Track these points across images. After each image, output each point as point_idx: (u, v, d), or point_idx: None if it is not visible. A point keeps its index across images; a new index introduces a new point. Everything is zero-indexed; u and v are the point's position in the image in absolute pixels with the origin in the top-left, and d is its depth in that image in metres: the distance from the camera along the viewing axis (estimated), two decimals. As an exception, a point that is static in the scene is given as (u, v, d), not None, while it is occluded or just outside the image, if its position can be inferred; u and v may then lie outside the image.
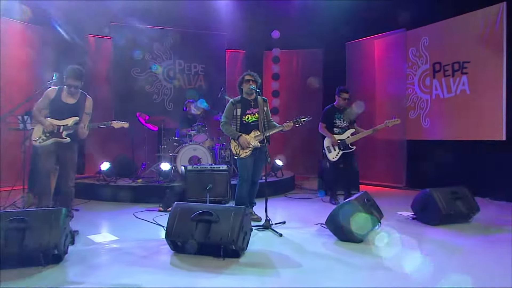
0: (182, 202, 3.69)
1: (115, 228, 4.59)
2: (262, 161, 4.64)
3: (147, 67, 8.44)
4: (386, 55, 8.05)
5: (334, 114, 5.86)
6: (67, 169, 4.27)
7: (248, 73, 4.70)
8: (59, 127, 4.23)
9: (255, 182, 4.82)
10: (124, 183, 6.29)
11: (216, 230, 3.42)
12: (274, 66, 9.26)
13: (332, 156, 5.77)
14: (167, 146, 6.96)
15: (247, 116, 4.64)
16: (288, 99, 9.35)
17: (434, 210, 4.50)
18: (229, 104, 4.71)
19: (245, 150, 4.59)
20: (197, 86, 8.86)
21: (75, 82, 4.23)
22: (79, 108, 4.33)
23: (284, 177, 7.37)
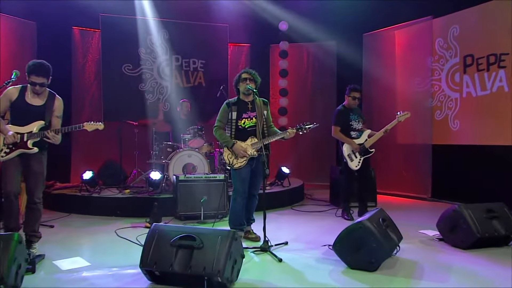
0: (160, 224, 3.34)
1: (90, 250, 4.28)
2: (261, 172, 4.30)
3: (140, 63, 8.19)
4: (408, 48, 7.64)
5: (349, 115, 5.56)
6: (33, 183, 3.93)
7: (246, 70, 4.41)
8: (22, 136, 3.88)
9: (253, 195, 4.52)
10: (109, 194, 6.03)
11: (199, 258, 3.07)
12: (281, 62, 8.93)
13: (355, 164, 5.46)
14: (159, 151, 6.69)
15: (243, 121, 4.35)
16: (298, 99, 9.04)
17: (465, 231, 4.07)
18: (224, 106, 4.43)
19: (239, 160, 4.30)
20: (196, 84, 8.58)
21: (40, 79, 3.85)
22: (47, 110, 3.98)
23: (291, 186, 7.06)
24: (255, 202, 4.59)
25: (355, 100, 5.54)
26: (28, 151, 3.86)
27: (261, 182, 4.39)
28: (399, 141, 7.62)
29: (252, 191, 4.49)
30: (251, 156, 4.32)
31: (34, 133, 3.87)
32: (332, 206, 6.45)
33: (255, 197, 4.55)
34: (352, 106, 5.58)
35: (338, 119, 5.58)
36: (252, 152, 4.32)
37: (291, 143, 8.26)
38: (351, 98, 5.54)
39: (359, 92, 5.55)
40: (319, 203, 6.90)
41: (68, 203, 5.96)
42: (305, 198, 7.37)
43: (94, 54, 8.00)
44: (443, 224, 4.37)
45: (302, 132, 4.27)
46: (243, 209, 4.42)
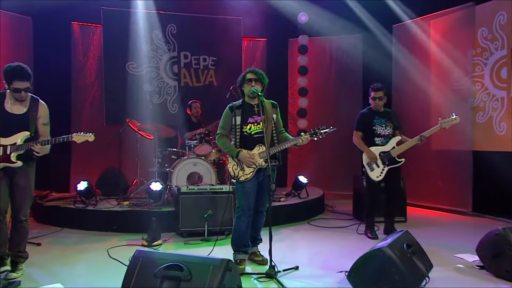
0: (145, 250, 3.08)
1: (75, 273, 4.08)
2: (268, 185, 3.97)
3: (145, 61, 8.05)
4: (446, 40, 7.19)
5: (373, 118, 5.29)
6: (19, 199, 3.77)
7: (251, 70, 4.18)
8: (5, 148, 3.71)
9: (260, 212, 4.26)
10: (106, 207, 5.87)
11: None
12: (300, 58, 8.64)
13: (376, 174, 5.18)
14: (163, 159, 6.55)
15: (248, 126, 4.10)
16: (319, 99, 8.77)
17: (510, 259, 3.65)
18: (226, 110, 4.20)
19: (246, 171, 4.05)
20: (207, 83, 8.41)
21: (24, 84, 3.70)
22: (31, 118, 3.81)
23: (309, 198, 6.78)
24: (262, 220, 4.32)
25: (377, 100, 5.26)
26: (11, 165, 3.70)
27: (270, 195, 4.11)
28: (434, 147, 7.23)
29: (259, 207, 4.23)
30: (259, 167, 4.05)
31: (19, 145, 3.71)
32: (355, 221, 6.15)
33: (262, 214, 4.29)
34: (378, 108, 5.30)
35: (359, 123, 5.36)
36: (261, 162, 4.03)
37: (311, 148, 8.16)
38: (372, 99, 5.31)
39: (380, 92, 5.27)
40: (341, 216, 6.61)
41: (61, 216, 5.84)
42: (326, 211, 7.11)
43: (95, 52, 7.92)
44: (484, 249, 3.97)
45: (317, 138, 4.01)
46: (248, 228, 4.17)
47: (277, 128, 4.19)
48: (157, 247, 4.84)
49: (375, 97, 5.26)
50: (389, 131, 5.25)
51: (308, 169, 8.26)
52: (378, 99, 5.25)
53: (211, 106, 7.58)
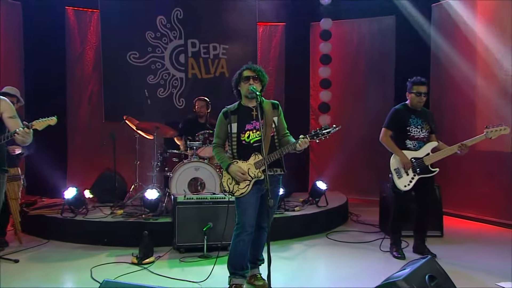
0: (111, 281, 2.85)
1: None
2: (273, 196, 3.78)
3: (149, 50, 7.89)
4: (496, 21, 6.68)
5: (408, 117, 4.95)
6: None
7: (248, 66, 3.94)
8: None
9: (262, 228, 4.02)
10: (97, 217, 5.72)
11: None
12: (323, 45, 8.25)
13: (403, 183, 4.88)
14: (163, 162, 6.38)
15: (247, 134, 3.89)
16: (344, 92, 8.43)
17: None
18: (220, 116, 4.00)
19: (241, 186, 3.85)
20: (217, 75, 8.21)
21: None
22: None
23: (328, 206, 6.48)
24: (264, 237, 4.06)
25: (422, 96, 4.90)
26: None
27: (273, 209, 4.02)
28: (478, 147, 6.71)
29: (261, 223, 3.99)
30: (257, 179, 3.81)
31: None
32: (382, 234, 5.81)
33: (264, 230, 4.03)
34: (417, 106, 4.97)
35: (392, 120, 5.03)
36: (257, 174, 3.81)
37: (336, 148, 8.04)
38: (415, 94, 4.91)
39: (424, 86, 4.92)
40: (365, 228, 6.33)
41: (47, 227, 5.72)
42: (349, 220, 6.85)
43: (93, 40, 7.78)
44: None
45: (318, 140, 3.73)
46: (248, 249, 3.94)
47: (279, 131, 3.97)
48: (148, 265, 4.66)
49: (419, 92, 4.88)
50: (424, 134, 4.93)
51: (332, 170, 8.08)
52: (423, 94, 4.88)
53: (223, 101, 7.23)
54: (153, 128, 6.20)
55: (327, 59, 8.28)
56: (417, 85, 4.90)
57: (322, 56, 8.30)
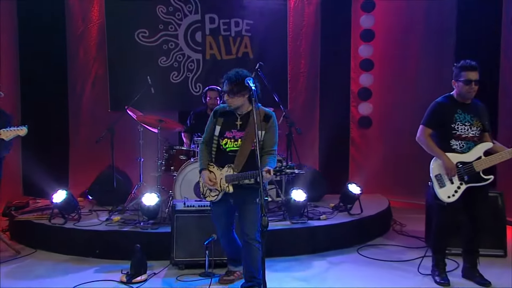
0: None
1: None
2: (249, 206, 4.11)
3: (160, 27, 7.84)
4: None
5: (454, 112, 4.61)
6: None
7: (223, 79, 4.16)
8: None
9: (246, 242, 4.15)
10: (90, 224, 5.72)
11: None
12: (364, 18, 8.00)
13: (447, 193, 4.56)
14: (168, 161, 6.37)
15: (224, 141, 4.19)
16: (388, 75, 8.13)
17: None
18: (212, 113, 4.38)
19: (212, 193, 4.26)
20: (240, 56, 8.08)
21: None
22: None
23: (363, 214, 6.22)
24: (254, 253, 4.09)
25: (470, 85, 4.51)
26: None
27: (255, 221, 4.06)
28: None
29: (244, 237, 4.16)
30: (225, 192, 4.14)
31: None
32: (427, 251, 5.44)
33: (252, 246, 4.09)
34: (465, 97, 4.60)
35: (432, 116, 4.69)
36: (226, 187, 4.11)
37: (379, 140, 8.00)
38: (463, 82, 4.53)
39: (476, 72, 4.53)
40: (408, 241, 6.07)
41: (35, 234, 5.76)
42: (391, 230, 6.60)
43: (97, 17, 7.78)
44: None
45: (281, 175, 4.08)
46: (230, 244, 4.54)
47: (264, 147, 4.11)
48: (139, 284, 4.60)
49: (468, 79, 4.49)
50: (474, 133, 4.57)
51: (375, 168, 7.84)
52: (474, 82, 4.50)
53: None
54: (156, 122, 6.09)
55: (369, 35, 8.02)
56: (466, 71, 4.50)
57: (363, 31, 8.03)
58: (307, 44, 8.08)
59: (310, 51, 8.08)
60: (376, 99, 8.01)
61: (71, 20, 7.67)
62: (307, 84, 8.11)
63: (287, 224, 5.62)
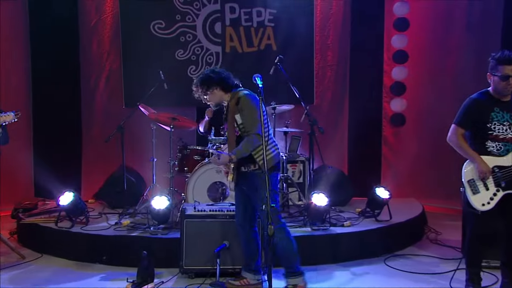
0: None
1: None
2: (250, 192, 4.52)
3: (177, 18, 7.89)
4: None
5: (491, 110, 4.48)
6: None
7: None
8: None
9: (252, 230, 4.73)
10: (97, 228, 5.80)
11: None
12: (398, 5, 7.86)
13: (481, 200, 4.43)
14: (181, 161, 6.45)
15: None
16: (425, 68, 7.99)
17: None
18: None
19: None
20: (262, 48, 8.05)
21: None
22: None
23: (392, 221, 6.12)
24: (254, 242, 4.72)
25: (508, 81, 4.38)
26: None
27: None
28: None
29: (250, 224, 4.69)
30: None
31: None
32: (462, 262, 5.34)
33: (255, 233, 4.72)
34: (503, 94, 4.46)
35: (466, 114, 4.54)
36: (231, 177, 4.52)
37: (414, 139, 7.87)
38: (499, 78, 4.39)
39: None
40: (442, 251, 5.93)
41: (41, 238, 5.85)
42: (424, 238, 6.47)
43: (110, 8, 7.87)
44: None
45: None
46: (244, 245, 4.70)
47: (245, 130, 4.38)
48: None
49: (505, 74, 4.35)
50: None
51: (409, 169, 7.78)
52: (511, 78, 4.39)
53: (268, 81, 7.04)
54: (169, 119, 6.13)
55: (403, 24, 7.89)
56: (503, 64, 4.34)
57: (397, 20, 7.90)
58: (335, 34, 7.99)
59: (338, 42, 7.99)
60: (411, 95, 7.87)
61: (84, 11, 7.79)
62: (335, 78, 8.02)
63: (307, 231, 5.58)
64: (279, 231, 4.19)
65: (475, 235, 4.58)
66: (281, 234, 4.31)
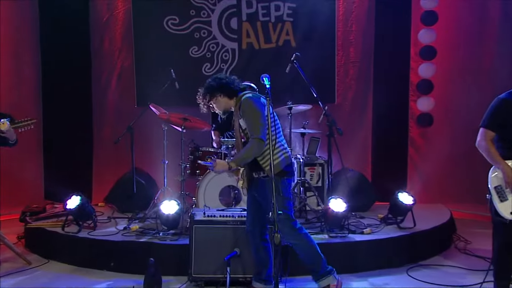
0: None
1: None
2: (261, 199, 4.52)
3: (192, 14, 7.94)
4: None
5: None
6: None
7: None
8: None
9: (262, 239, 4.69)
10: (106, 233, 5.85)
11: None
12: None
13: (509, 208, 4.37)
14: (193, 163, 6.45)
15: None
16: (455, 65, 7.90)
17: None
18: None
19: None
20: (281, 44, 8.06)
21: None
22: None
23: (416, 228, 6.02)
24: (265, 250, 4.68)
25: None
26: None
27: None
28: None
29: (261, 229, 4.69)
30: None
31: None
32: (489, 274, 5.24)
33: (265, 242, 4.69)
34: None
35: (494, 116, 4.48)
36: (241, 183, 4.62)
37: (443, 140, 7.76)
38: None
39: None
40: (472, 262, 5.78)
41: (48, 243, 5.90)
42: (452, 248, 6.35)
43: (122, 3, 7.95)
44: None
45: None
46: (254, 252, 4.69)
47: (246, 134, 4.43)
48: (153, 304, 4.64)
49: None
50: None
51: (437, 173, 7.72)
52: None
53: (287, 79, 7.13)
54: (180, 120, 6.15)
55: (431, 17, 7.81)
56: None
57: (425, 13, 7.81)
58: (358, 29, 7.95)
59: (362, 38, 7.94)
60: (439, 93, 7.78)
61: (95, 6, 7.88)
62: (358, 75, 7.98)
63: (324, 238, 5.52)
64: (294, 237, 4.38)
65: (504, 245, 4.50)
66: (298, 239, 4.40)
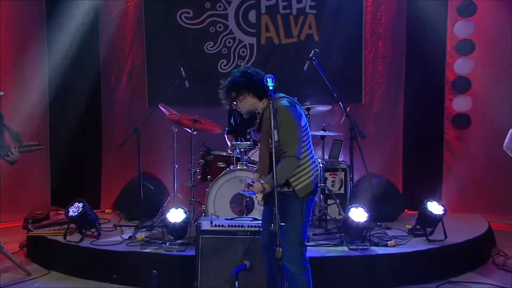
0: None
1: None
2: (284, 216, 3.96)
3: (207, 6, 7.97)
4: None
5: None
6: None
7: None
8: None
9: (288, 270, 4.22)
10: (109, 242, 5.87)
11: None
12: None
13: None
14: (204, 168, 6.45)
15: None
16: (494, 61, 7.72)
17: None
18: None
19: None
20: (303, 39, 8.02)
21: None
22: None
23: (447, 241, 5.90)
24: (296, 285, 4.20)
25: None
26: None
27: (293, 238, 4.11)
28: None
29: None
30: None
31: None
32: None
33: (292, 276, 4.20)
34: None
35: None
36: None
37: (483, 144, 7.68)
38: None
39: None
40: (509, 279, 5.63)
41: (49, 252, 5.94)
42: (489, 263, 6.19)
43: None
44: None
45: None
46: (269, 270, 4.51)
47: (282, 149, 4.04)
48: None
49: None
50: None
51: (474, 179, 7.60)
52: None
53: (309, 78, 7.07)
54: (190, 122, 6.17)
55: (469, 8, 7.63)
56: None
57: (462, 3, 7.64)
58: (388, 22, 7.87)
59: (392, 31, 7.87)
60: (477, 92, 7.63)
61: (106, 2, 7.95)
62: (388, 72, 7.90)
63: (344, 251, 5.48)
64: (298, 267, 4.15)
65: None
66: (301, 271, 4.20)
